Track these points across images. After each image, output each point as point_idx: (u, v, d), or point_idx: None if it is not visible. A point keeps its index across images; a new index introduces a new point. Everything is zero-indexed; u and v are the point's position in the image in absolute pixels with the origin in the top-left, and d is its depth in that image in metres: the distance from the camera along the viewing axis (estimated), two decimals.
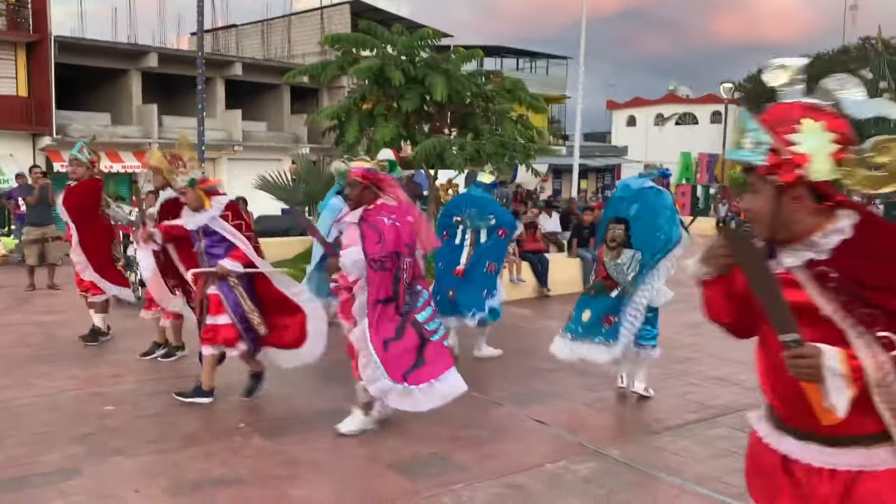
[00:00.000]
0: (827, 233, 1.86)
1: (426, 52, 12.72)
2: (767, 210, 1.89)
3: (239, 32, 36.27)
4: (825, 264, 1.85)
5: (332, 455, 4.61)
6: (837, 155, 1.82)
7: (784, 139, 1.83)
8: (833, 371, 1.77)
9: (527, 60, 43.47)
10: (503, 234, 7.16)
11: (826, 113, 1.86)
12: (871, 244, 1.84)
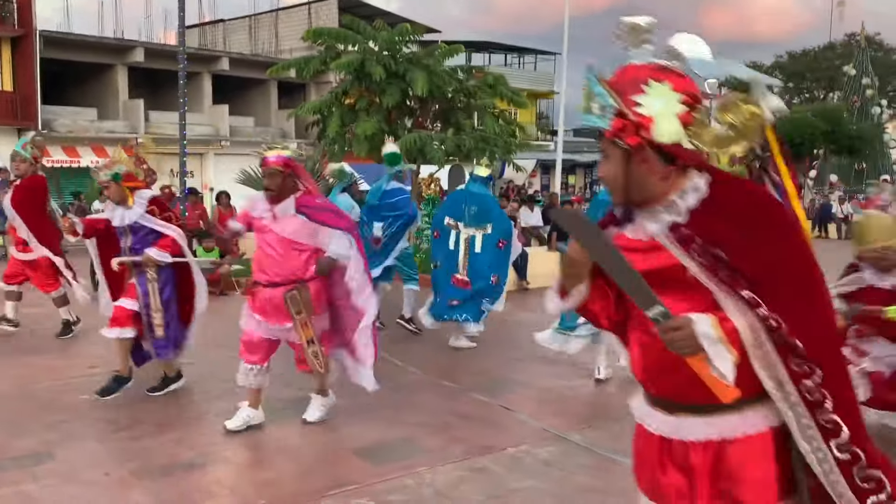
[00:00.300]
0: (682, 193, 1.83)
1: (408, 47, 12.82)
2: (618, 174, 1.85)
3: (226, 27, 36.23)
4: (686, 227, 1.81)
5: (300, 441, 4.73)
6: (685, 116, 1.78)
7: (630, 101, 1.79)
8: (709, 337, 1.72)
9: (515, 56, 43.55)
10: (503, 245, 7.03)
11: (673, 74, 1.82)
12: (724, 204, 1.82)
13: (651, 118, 1.77)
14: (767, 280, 1.76)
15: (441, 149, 11.44)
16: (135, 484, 4.02)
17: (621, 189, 1.87)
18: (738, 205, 1.82)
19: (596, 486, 4.09)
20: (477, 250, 6.97)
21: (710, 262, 1.78)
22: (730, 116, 1.81)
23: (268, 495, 3.89)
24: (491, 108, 12.85)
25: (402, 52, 12.55)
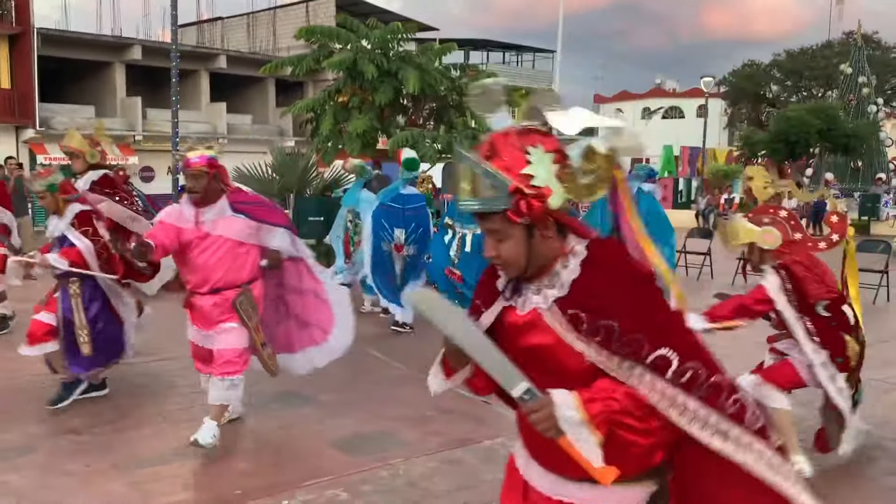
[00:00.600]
0: (565, 263, 1.77)
1: (401, 45, 12.89)
2: (521, 252, 1.75)
3: (224, 25, 36.29)
4: (571, 303, 1.73)
5: (279, 434, 4.81)
6: (561, 174, 1.72)
7: (520, 175, 1.69)
8: (570, 421, 1.64)
9: (513, 54, 43.64)
10: None
11: (538, 134, 1.75)
12: (604, 268, 1.76)
13: (549, 187, 1.70)
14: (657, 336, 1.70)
15: (433, 146, 11.51)
16: (115, 476, 4.10)
17: (522, 267, 1.78)
18: (617, 268, 1.76)
19: None
20: (467, 248, 7.06)
21: (602, 336, 1.69)
22: (588, 164, 1.74)
23: (244, 486, 3.98)
24: None
25: (396, 51, 12.62)
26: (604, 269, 1.75)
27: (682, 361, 1.68)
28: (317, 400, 5.50)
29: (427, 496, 3.90)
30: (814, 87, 43.05)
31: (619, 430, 1.68)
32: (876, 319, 9.46)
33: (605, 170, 1.76)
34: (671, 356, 1.67)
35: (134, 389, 5.63)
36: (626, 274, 1.76)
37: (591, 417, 1.64)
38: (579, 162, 1.75)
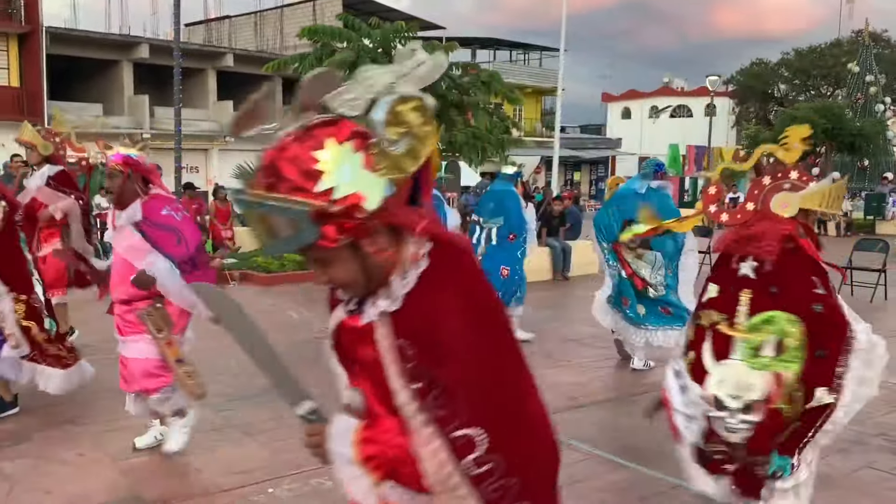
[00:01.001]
0: (403, 273, 1.48)
1: (402, 44, 12.97)
2: (356, 273, 1.47)
3: (232, 24, 36.49)
4: (405, 328, 1.46)
5: (271, 425, 4.91)
6: (368, 161, 1.40)
7: (318, 194, 1.36)
8: (341, 458, 1.52)
9: (520, 52, 43.67)
10: (513, 238, 7.25)
11: (326, 126, 1.42)
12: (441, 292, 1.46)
13: (357, 192, 1.38)
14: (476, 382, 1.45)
15: None
16: (108, 464, 4.22)
17: (363, 286, 1.51)
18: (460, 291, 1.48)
19: None
20: (493, 242, 7.31)
21: (424, 385, 1.43)
22: (398, 127, 1.44)
23: (233, 475, 4.09)
24: (484, 105, 12.98)
25: (397, 50, 12.69)
26: (444, 287, 1.46)
27: (489, 451, 1.41)
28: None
29: None
30: (822, 85, 42.92)
31: (398, 480, 1.49)
32: (873, 318, 9.46)
33: (420, 124, 1.46)
34: (480, 440, 1.40)
35: None
36: (472, 304, 1.47)
37: (364, 459, 1.49)
38: (385, 131, 1.42)
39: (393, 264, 1.48)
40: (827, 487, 4.08)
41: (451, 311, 1.44)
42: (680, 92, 51.83)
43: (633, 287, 6.19)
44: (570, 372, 6.42)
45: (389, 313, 1.48)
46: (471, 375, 1.43)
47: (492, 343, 1.50)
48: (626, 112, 53.61)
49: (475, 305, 1.48)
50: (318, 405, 1.58)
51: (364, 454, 1.48)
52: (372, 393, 1.55)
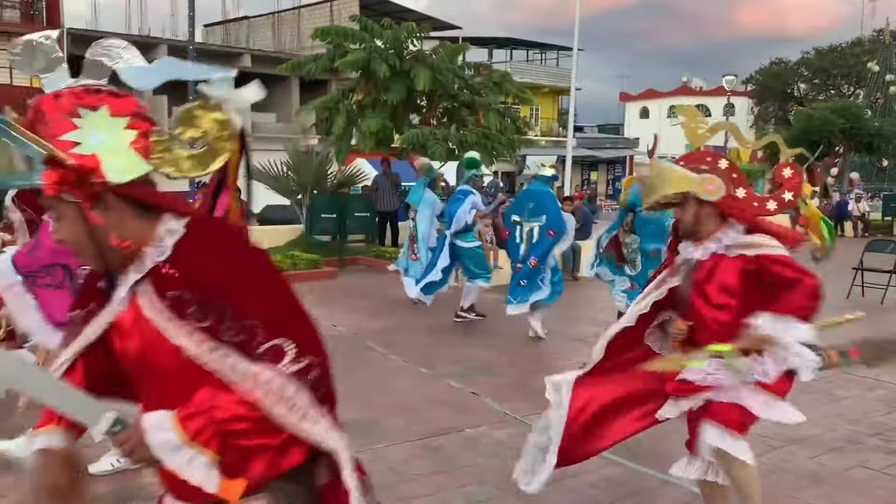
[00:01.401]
0: (157, 244, 1.51)
1: (415, 45, 13.07)
2: (80, 236, 1.48)
3: (250, 24, 36.79)
4: (172, 283, 1.48)
5: None
6: (140, 143, 1.46)
7: (63, 143, 1.41)
8: (168, 445, 1.44)
9: (537, 52, 43.63)
10: (552, 234, 7.58)
11: (107, 95, 1.47)
12: (209, 248, 1.52)
13: (95, 156, 1.42)
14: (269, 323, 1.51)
15: (443, 145, 11.68)
16: None
17: (92, 254, 1.51)
18: (223, 243, 1.56)
19: None
20: (535, 240, 7.63)
21: (213, 320, 1.46)
22: (192, 131, 1.53)
23: None
24: (495, 105, 13.04)
25: (409, 50, 12.80)
26: (206, 245, 1.52)
27: (299, 353, 1.49)
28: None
29: (403, 479, 4.08)
30: (843, 85, 42.49)
31: (236, 439, 1.48)
32: (884, 319, 9.47)
33: (219, 137, 1.53)
34: (287, 347, 1.48)
35: None
36: (235, 248, 1.56)
37: (192, 436, 1.44)
38: (176, 128, 1.50)
39: (144, 239, 1.51)
40: (817, 485, 4.12)
41: (220, 256, 1.51)
42: (699, 91, 51.53)
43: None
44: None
45: (150, 282, 1.50)
46: (257, 298, 1.49)
47: (266, 273, 1.56)
48: (644, 112, 53.38)
49: (242, 251, 1.56)
50: (119, 413, 1.48)
51: (191, 430, 1.44)
52: (167, 389, 1.52)
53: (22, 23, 24.49)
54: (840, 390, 5.99)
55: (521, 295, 7.64)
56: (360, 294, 10.06)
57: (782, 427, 5.01)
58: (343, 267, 12.20)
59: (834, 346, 3.18)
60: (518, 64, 41.27)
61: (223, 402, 1.46)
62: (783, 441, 4.78)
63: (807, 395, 5.84)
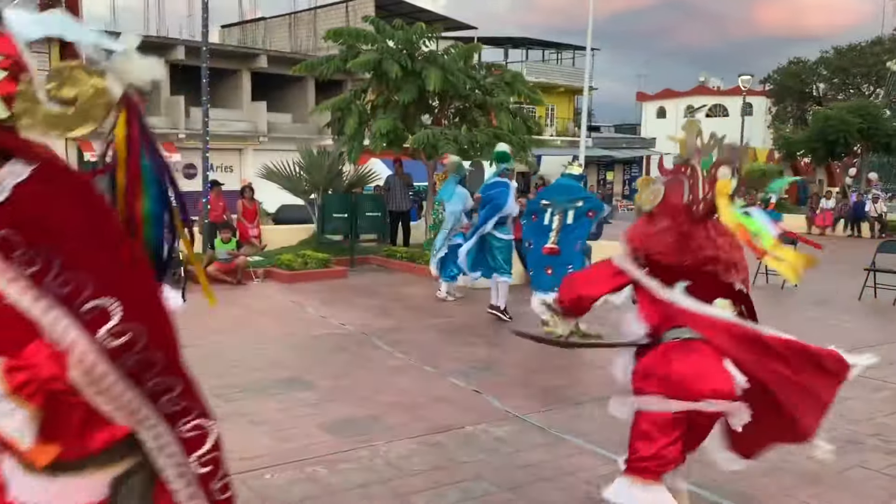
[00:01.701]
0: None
1: (427, 45, 13.12)
2: None
3: (267, 25, 37.03)
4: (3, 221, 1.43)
5: (277, 416, 5.09)
6: (6, 86, 1.43)
7: None
8: None
9: (553, 52, 43.56)
10: (592, 215, 7.78)
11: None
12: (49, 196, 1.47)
13: None
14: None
15: (453, 145, 11.72)
16: None
17: None
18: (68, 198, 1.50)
19: (538, 461, 4.37)
20: (569, 221, 7.74)
21: (40, 266, 1.42)
22: (67, 90, 1.48)
23: (235, 461, 4.25)
24: (507, 106, 13.06)
25: (420, 51, 12.86)
26: (48, 192, 1.46)
27: (125, 320, 1.44)
28: (316, 385, 5.79)
29: (402, 475, 4.14)
30: (862, 84, 42.02)
31: (59, 400, 1.45)
32: (892, 321, 9.43)
33: (93, 106, 1.49)
34: (113, 309, 1.43)
35: None
36: (80, 201, 1.50)
37: (15, 388, 1.40)
38: (50, 83, 1.46)
39: None
40: (814, 484, 4.14)
41: (60, 205, 1.46)
42: (716, 91, 51.21)
43: None
44: (575, 371, 6.52)
45: None
46: (91, 255, 1.45)
47: (110, 228, 1.52)
48: (661, 111, 53.12)
49: (88, 206, 1.51)
50: None
51: (14, 383, 1.39)
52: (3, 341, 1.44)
53: None
54: (844, 391, 5.97)
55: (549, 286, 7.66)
56: (370, 293, 10.13)
57: None
58: (354, 266, 12.28)
59: None
60: (533, 64, 41.23)
61: (46, 357, 1.42)
62: None
63: None
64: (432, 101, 13.31)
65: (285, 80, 31.01)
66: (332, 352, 6.94)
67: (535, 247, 7.85)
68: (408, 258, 12.25)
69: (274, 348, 6.97)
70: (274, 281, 10.98)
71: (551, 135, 40.54)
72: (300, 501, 3.78)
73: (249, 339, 7.31)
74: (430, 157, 12.71)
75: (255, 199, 14.02)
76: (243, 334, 7.50)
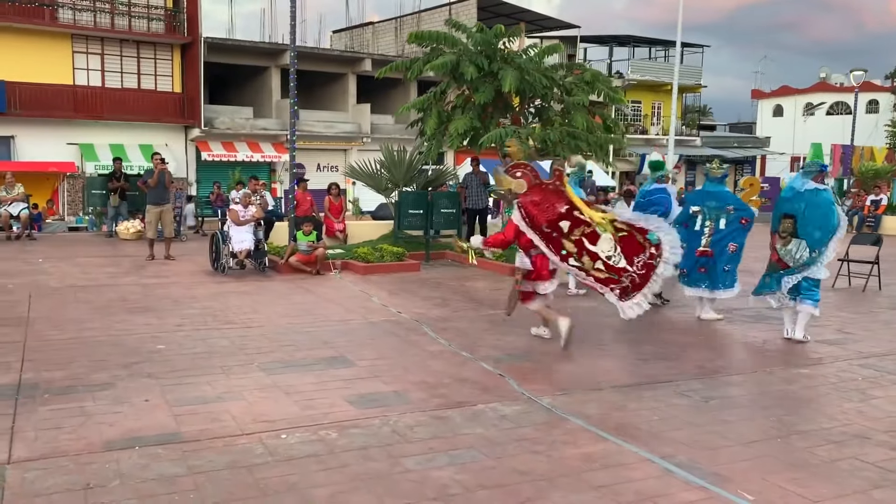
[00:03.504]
0: None
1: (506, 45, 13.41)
2: None
3: (375, 30, 38.25)
4: None
5: (310, 388, 5.59)
6: None
7: None
8: None
9: (660, 49, 42.66)
10: (745, 223, 8.40)
11: None
12: None
13: None
14: None
15: (526, 142, 11.96)
16: (165, 408, 5.04)
17: None
18: None
19: (533, 437, 4.64)
20: (721, 227, 8.44)
21: None
22: None
23: (258, 423, 4.79)
24: (584, 104, 13.16)
25: (499, 51, 13.16)
26: None
27: None
28: (355, 364, 6.27)
29: (401, 441, 4.52)
30: None
31: None
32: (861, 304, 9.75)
33: None
34: None
35: (208, 349, 6.65)
36: None
37: None
38: None
39: None
40: (795, 470, 4.22)
41: None
42: (838, 88, 48.60)
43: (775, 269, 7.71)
44: (610, 360, 6.70)
45: None
46: None
47: None
48: (777, 109, 50.95)
49: None
50: None
51: None
52: None
53: (166, 33, 26.80)
54: (877, 389, 5.91)
55: (724, 279, 8.44)
56: (435, 285, 10.56)
57: (793, 416, 5.11)
58: (428, 261, 12.76)
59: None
60: (639, 62, 40.56)
61: None
62: (788, 431, 4.86)
63: (839, 392, 5.84)
64: (511, 101, 13.60)
65: (389, 83, 32.00)
66: (381, 336, 7.41)
67: (688, 249, 8.33)
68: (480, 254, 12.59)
69: (328, 331, 7.52)
70: (350, 272, 11.61)
71: (657, 133, 39.77)
72: (305, 457, 4.24)
73: (310, 322, 7.90)
74: (504, 156, 12.99)
75: (342, 196, 14.76)
76: (306, 318, 8.10)
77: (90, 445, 4.32)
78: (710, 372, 6.33)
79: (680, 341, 7.54)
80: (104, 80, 26.05)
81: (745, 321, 8.65)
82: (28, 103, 24.30)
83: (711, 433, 4.80)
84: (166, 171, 12.74)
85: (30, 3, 24.49)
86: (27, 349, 6.52)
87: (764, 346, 7.43)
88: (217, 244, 11.47)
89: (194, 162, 27.68)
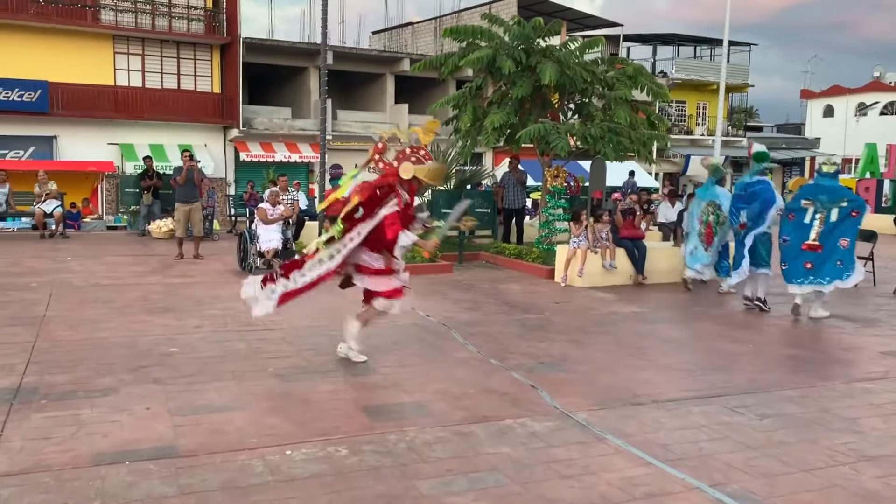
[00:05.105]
0: None
1: (545, 40, 12.91)
2: None
3: (414, 30, 37.97)
4: None
5: (324, 396, 5.18)
6: None
7: None
8: None
9: (706, 48, 41.62)
10: (856, 214, 8.36)
11: None
12: None
13: None
14: None
15: (565, 138, 11.44)
16: (165, 417, 4.67)
17: None
18: None
19: (565, 459, 4.15)
20: (832, 219, 8.36)
21: None
22: None
23: (264, 436, 4.38)
24: (627, 99, 12.56)
25: (538, 46, 12.67)
26: None
27: None
28: (376, 371, 5.84)
29: (417, 460, 4.07)
30: None
31: None
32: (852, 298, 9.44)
33: None
34: None
35: (220, 354, 6.28)
36: None
37: None
38: None
39: None
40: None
41: None
42: (893, 87, 46.91)
43: None
44: (649, 371, 6.17)
45: None
46: None
47: None
48: (828, 110, 49.38)
49: None
50: None
51: None
52: None
53: (205, 33, 26.82)
54: None
55: (834, 272, 8.33)
56: (467, 287, 10.10)
57: (859, 443, 4.52)
58: (462, 262, 12.30)
59: None
60: (684, 61, 39.62)
61: None
62: (856, 458, 4.30)
63: None
64: (550, 96, 13.09)
65: (427, 84, 31.65)
66: (406, 341, 6.98)
67: (793, 242, 8.42)
68: (516, 255, 12.11)
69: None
70: None
71: (702, 134, 38.76)
72: (308, 477, 3.82)
73: (333, 325, 7.49)
74: (542, 153, 12.50)
75: None
76: (328, 320, 7.69)
77: (77, 459, 3.96)
78: (764, 385, 5.76)
79: (729, 350, 6.96)
80: (144, 80, 26.16)
81: (804, 327, 8.01)
82: (70, 104, 24.50)
83: (768, 457, 4.25)
84: (195, 168, 12.49)
85: (73, 5, 24.69)
86: (35, 350, 6.23)
87: (821, 356, 6.82)
88: (245, 243, 11.18)
89: (233, 162, 27.65)
